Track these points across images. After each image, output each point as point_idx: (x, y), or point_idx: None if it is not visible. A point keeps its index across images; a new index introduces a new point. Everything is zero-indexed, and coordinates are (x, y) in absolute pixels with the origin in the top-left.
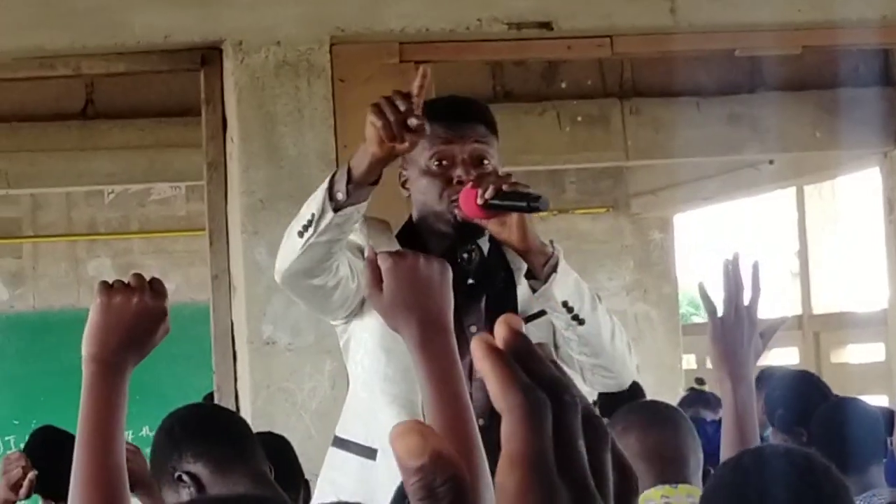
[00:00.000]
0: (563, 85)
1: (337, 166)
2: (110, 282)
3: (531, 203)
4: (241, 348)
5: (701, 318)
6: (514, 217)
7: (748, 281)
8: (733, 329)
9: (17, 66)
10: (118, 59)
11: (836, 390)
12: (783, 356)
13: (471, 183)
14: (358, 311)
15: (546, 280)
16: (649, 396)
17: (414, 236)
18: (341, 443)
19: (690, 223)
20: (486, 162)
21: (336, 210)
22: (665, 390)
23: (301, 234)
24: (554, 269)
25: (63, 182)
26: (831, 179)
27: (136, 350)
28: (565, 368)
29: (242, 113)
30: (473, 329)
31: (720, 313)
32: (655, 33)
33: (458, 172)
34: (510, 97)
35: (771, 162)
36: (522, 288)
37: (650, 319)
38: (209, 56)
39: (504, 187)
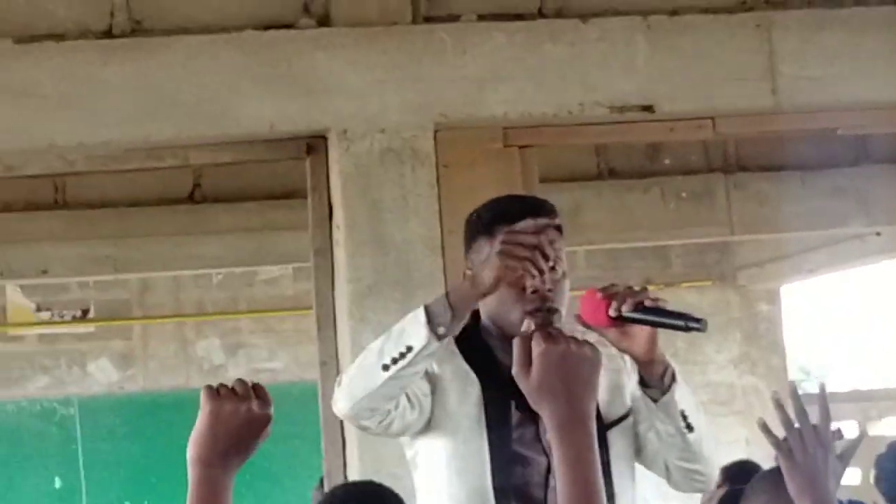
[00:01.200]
0: (667, 161)
1: (443, 251)
2: (215, 386)
3: (690, 324)
4: (349, 434)
5: (812, 384)
6: (645, 330)
7: (816, 407)
8: (807, 459)
9: (127, 158)
10: (224, 149)
11: None
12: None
13: (600, 293)
14: (423, 431)
15: (667, 390)
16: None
17: (479, 337)
18: None
19: (798, 294)
20: (556, 268)
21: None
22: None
23: (387, 368)
24: (674, 378)
25: (171, 266)
26: None
27: (242, 455)
28: (647, 470)
29: (348, 200)
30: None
31: (791, 442)
32: (757, 114)
33: (532, 283)
34: (614, 174)
35: (878, 234)
36: (603, 393)
37: (759, 392)
38: (314, 144)
39: (647, 303)
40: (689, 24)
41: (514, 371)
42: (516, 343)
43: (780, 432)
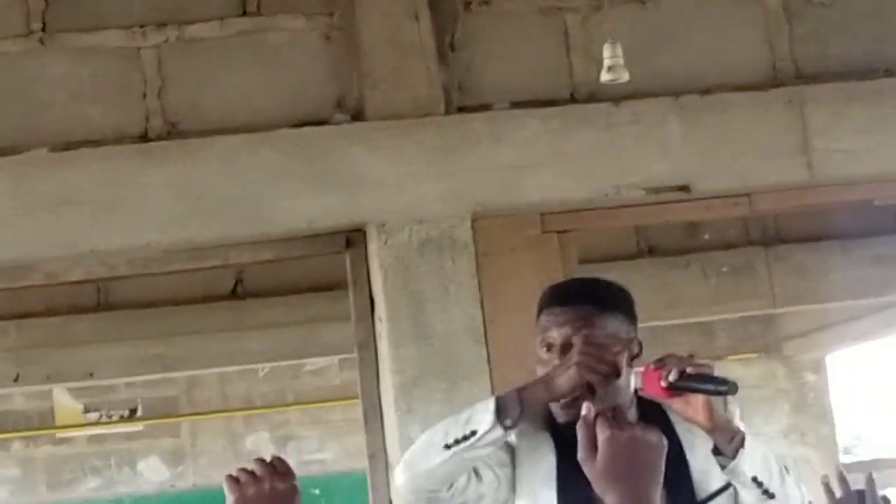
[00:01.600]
0: (706, 237)
1: (486, 340)
2: (234, 474)
3: (718, 387)
4: None
5: (862, 449)
6: (699, 398)
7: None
8: None
9: (168, 260)
10: (264, 247)
11: None
12: None
13: (653, 364)
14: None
15: (734, 457)
16: None
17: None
18: None
19: (843, 362)
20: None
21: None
22: None
23: (448, 447)
24: (741, 444)
25: (218, 363)
26: None
27: None
28: None
29: (389, 293)
30: None
31: None
32: (793, 189)
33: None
34: (654, 252)
35: None
36: (698, 464)
37: (810, 462)
38: (353, 238)
39: (689, 370)
40: (720, 102)
41: (580, 456)
42: (580, 428)
43: None
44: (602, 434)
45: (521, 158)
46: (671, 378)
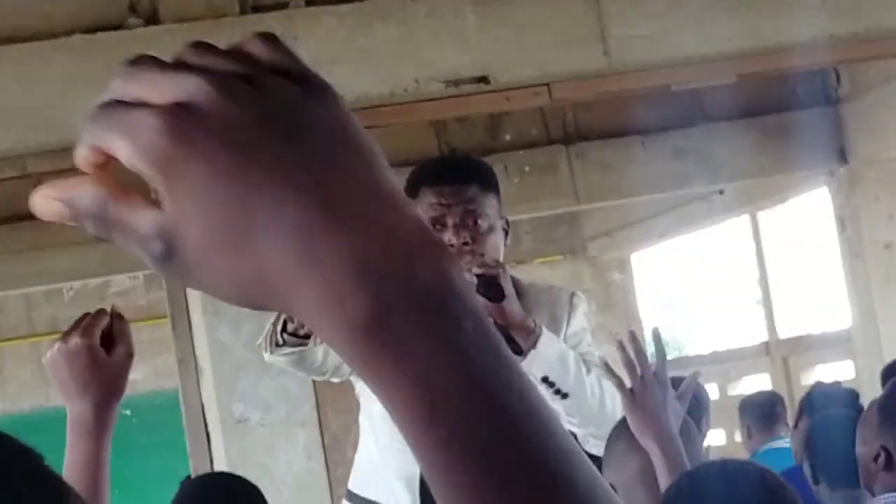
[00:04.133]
0: (508, 137)
1: None
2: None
3: (487, 292)
4: (213, 429)
5: (672, 354)
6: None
7: (652, 349)
8: (646, 398)
9: None
10: (63, 157)
11: None
12: (755, 383)
13: None
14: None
15: (525, 356)
16: None
17: None
18: (356, 499)
19: (650, 261)
20: (479, 222)
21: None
22: None
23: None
24: (534, 345)
25: (22, 284)
26: (782, 203)
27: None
28: None
29: None
30: None
31: (629, 384)
32: (591, 77)
33: (449, 237)
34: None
35: (721, 192)
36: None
37: (618, 361)
38: None
39: (473, 270)
40: None
41: None
42: None
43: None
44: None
45: (318, 56)
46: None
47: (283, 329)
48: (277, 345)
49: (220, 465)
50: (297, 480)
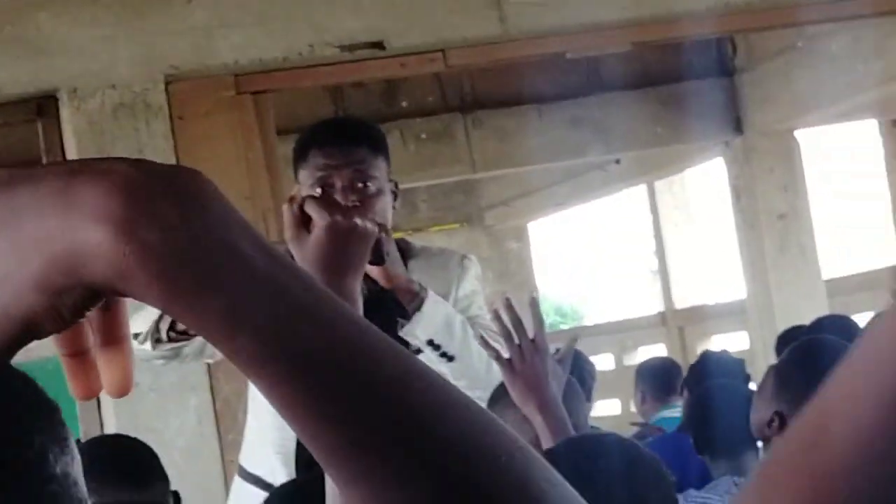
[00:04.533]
0: (404, 104)
1: None
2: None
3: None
4: (104, 394)
5: (567, 325)
6: None
7: (528, 317)
8: (525, 367)
9: None
10: None
11: None
12: (650, 353)
13: None
14: None
15: (410, 318)
16: None
17: None
18: (244, 473)
19: (547, 230)
20: (368, 185)
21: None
22: None
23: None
24: (419, 307)
25: None
26: (679, 173)
27: None
28: None
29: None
30: None
31: (505, 355)
32: (487, 43)
33: (337, 198)
34: None
35: (617, 161)
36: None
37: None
38: (45, 105)
39: None
40: None
41: (288, 236)
42: (286, 208)
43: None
44: (321, 219)
45: (213, 19)
46: None
47: (171, 328)
48: (159, 341)
49: (111, 430)
50: (188, 445)
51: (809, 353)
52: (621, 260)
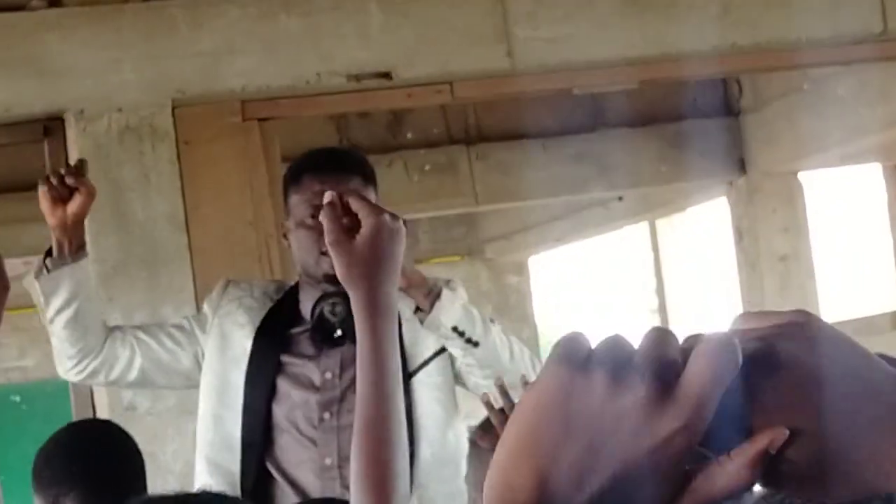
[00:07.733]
0: (409, 135)
1: (187, 228)
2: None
3: None
4: (102, 416)
5: None
6: None
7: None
8: None
9: None
10: None
11: None
12: None
13: None
14: (194, 379)
15: (431, 309)
16: None
17: (295, 291)
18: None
19: (547, 265)
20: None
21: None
22: None
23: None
24: (437, 297)
25: None
26: (681, 212)
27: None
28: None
29: None
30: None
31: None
32: (494, 77)
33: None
34: (356, 149)
35: (620, 199)
36: (405, 331)
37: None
38: (51, 127)
39: None
40: None
41: (329, 240)
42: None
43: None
44: (372, 215)
45: (221, 45)
46: None
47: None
48: (47, 270)
49: None
50: (184, 470)
51: None
52: (621, 297)
